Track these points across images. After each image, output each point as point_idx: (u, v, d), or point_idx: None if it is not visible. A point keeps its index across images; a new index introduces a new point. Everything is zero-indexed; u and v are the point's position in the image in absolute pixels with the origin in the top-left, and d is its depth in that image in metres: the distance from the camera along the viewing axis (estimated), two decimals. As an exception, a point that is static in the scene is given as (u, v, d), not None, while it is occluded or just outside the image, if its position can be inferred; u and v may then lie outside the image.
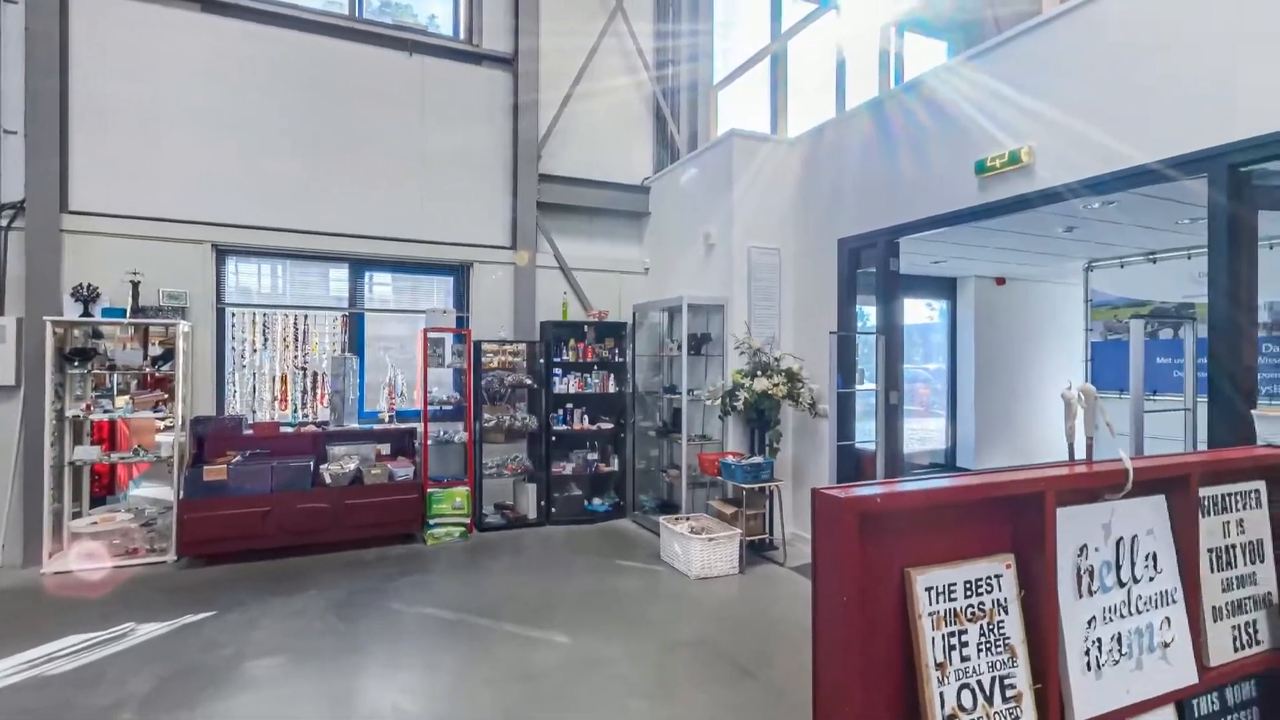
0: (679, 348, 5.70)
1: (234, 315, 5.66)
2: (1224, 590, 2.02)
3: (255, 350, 5.68)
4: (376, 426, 5.81)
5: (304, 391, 5.82)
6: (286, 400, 5.75)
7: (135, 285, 5.05)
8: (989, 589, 1.63)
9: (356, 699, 3.03)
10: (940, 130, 4.38)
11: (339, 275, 6.12)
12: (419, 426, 5.79)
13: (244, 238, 5.57)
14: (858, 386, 5.21)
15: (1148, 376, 6.01)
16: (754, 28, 7.90)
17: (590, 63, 6.84)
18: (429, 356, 5.79)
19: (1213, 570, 1.99)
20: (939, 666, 1.54)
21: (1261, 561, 2.11)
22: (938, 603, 1.57)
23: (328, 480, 5.25)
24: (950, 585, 1.59)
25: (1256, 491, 2.14)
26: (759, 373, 5.13)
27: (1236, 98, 2.88)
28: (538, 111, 6.56)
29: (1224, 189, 2.93)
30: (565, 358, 6.28)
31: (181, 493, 4.85)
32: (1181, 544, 1.93)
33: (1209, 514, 2.01)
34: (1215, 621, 1.97)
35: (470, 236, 6.39)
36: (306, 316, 5.86)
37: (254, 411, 5.66)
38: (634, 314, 6.56)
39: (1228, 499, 2.07)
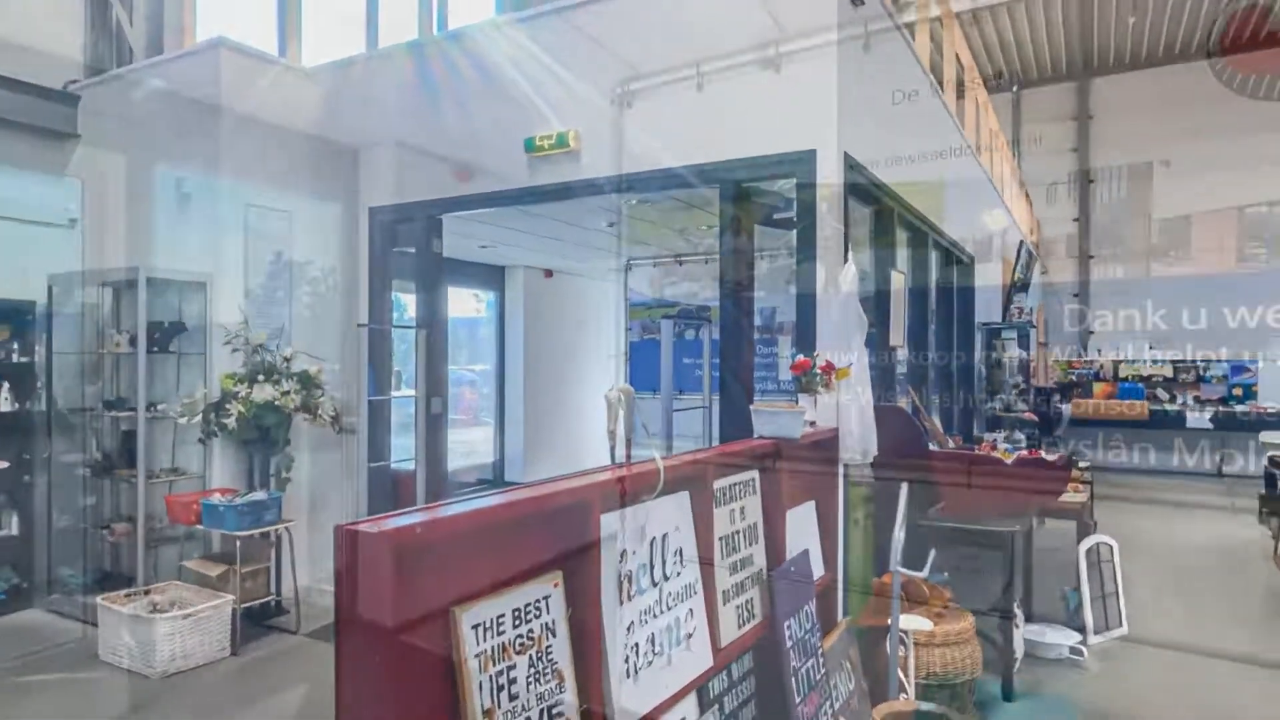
0: (132, 342, 4.92)
1: None
2: (731, 573, 2.76)
3: None
4: None
5: None
6: None
7: None
8: (538, 613, 1.88)
9: None
10: (490, 96, 4.77)
11: None
12: None
13: None
14: (394, 393, 5.32)
15: (676, 376, 7.72)
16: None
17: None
18: None
19: (723, 557, 2.69)
20: (486, 714, 1.70)
21: (756, 543, 2.94)
22: (486, 640, 1.72)
23: None
24: (499, 617, 1.76)
25: (752, 480, 2.98)
26: (261, 377, 4.84)
27: (739, 125, 3.95)
28: None
29: (731, 200, 3.96)
30: (-93, 356, 4.70)
31: None
32: (700, 536, 2.56)
33: (720, 504, 2.71)
34: (725, 604, 2.68)
35: None
36: None
37: None
38: (50, 289, 5.35)
39: (732, 489, 2.83)
